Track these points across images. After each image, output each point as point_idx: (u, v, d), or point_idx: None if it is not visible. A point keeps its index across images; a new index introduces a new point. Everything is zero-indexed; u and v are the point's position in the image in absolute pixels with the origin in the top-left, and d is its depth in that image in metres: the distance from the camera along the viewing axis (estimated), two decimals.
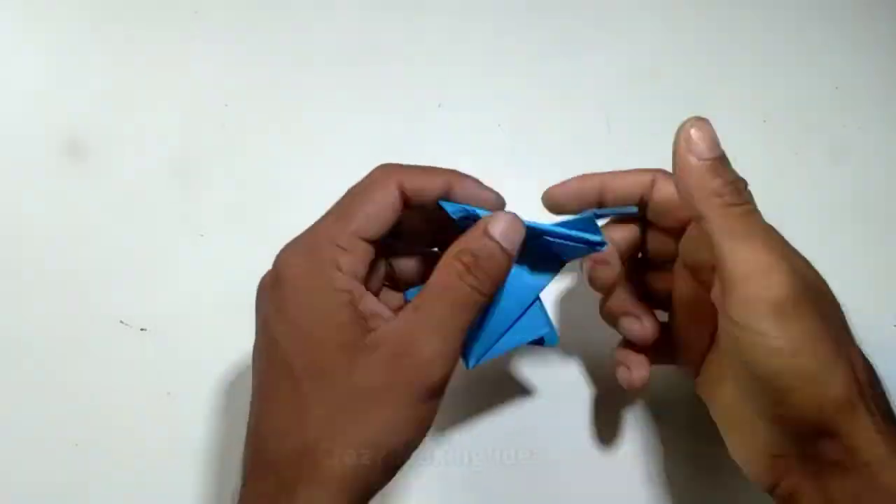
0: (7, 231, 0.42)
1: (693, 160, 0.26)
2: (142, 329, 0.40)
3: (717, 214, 0.26)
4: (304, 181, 0.44)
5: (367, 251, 0.28)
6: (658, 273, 0.35)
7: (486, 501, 0.38)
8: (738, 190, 0.26)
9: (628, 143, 0.47)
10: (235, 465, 0.38)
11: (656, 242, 0.35)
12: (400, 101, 0.47)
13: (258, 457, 0.27)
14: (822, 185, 0.47)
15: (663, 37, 0.51)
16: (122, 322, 0.40)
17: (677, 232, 0.33)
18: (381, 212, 0.28)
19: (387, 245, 0.31)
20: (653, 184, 0.32)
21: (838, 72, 0.51)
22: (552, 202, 0.34)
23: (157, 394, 0.38)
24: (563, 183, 0.33)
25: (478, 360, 0.31)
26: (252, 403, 0.28)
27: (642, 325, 0.33)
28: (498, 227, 0.27)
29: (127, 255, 0.41)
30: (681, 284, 0.33)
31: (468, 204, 0.30)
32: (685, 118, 0.28)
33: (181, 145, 0.45)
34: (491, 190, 0.31)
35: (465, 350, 0.31)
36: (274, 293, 0.28)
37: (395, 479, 0.31)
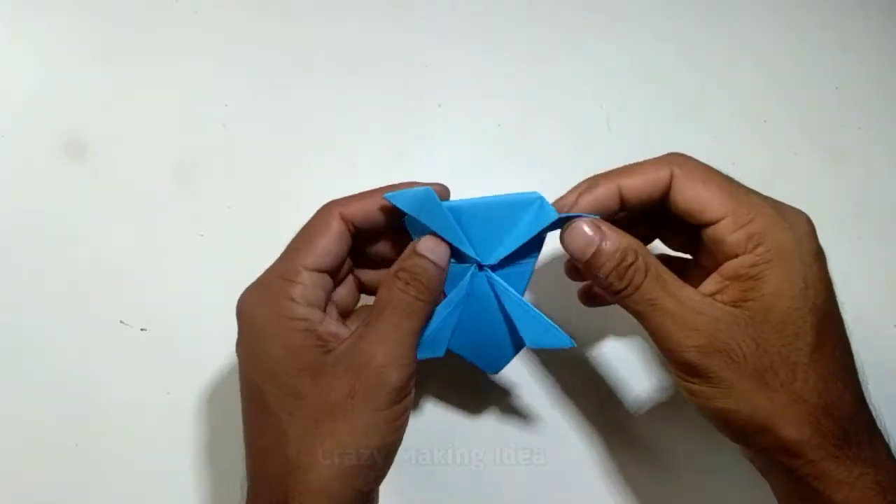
0: (7, 231, 0.42)
1: (579, 264, 0.30)
2: (142, 329, 0.40)
3: (618, 301, 0.30)
4: (305, 181, 0.44)
5: (318, 280, 0.30)
6: None
7: (487, 501, 0.38)
8: (619, 274, 0.29)
9: (628, 143, 0.47)
10: (234, 464, 0.38)
11: (671, 243, 0.35)
12: (400, 100, 0.47)
13: (254, 478, 0.29)
14: (822, 185, 0.47)
15: (663, 37, 0.51)
16: (122, 322, 0.40)
17: (692, 234, 0.32)
18: (327, 244, 0.30)
19: (357, 266, 0.35)
20: (672, 179, 0.31)
21: (838, 72, 0.51)
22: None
23: (156, 393, 0.38)
24: (576, 203, 0.32)
25: (500, 367, 0.34)
26: (244, 432, 0.30)
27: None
28: (425, 246, 0.30)
29: (127, 255, 0.41)
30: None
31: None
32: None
33: (181, 145, 0.45)
34: (431, 183, 0.32)
35: (484, 358, 0.34)
36: (239, 332, 0.30)
37: (395, 479, 0.31)
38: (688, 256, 0.35)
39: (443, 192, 0.32)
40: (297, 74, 0.47)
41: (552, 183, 0.45)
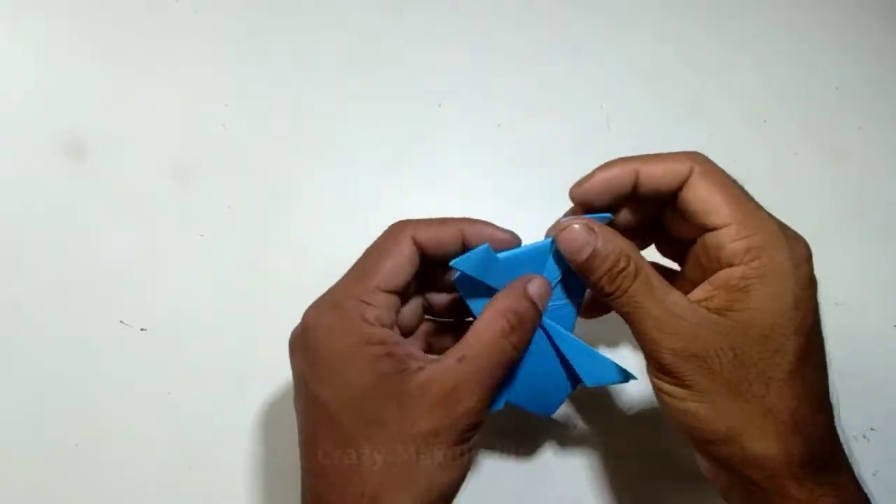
0: (7, 231, 0.42)
1: (573, 265, 0.30)
2: (142, 329, 0.40)
3: (606, 302, 0.30)
4: (304, 182, 0.44)
5: (391, 301, 0.30)
6: None
7: (487, 501, 0.38)
8: (611, 278, 0.29)
9: (628, 143, 0.47)
10: (234, 465, 0.38)
11: (666, 250, 0.35)
12: (400, 101, 0.47)
13: (319, 499, 0.28)
14: (822, 185, 0.47)
15: (663, 37, 0.51)
16: (122, 322, 0.40)
17: (690, 239, 0.32)
18: (398, 265, 0.30)
19: (419, 284, 0.34)
20: (689, 176, 0.30)
21: (838, 73, 0.51)
22: (582, 200, 0.32)
23: (157, 393, 0.38)
24: (591, 178, 0.32)
25: (555, 408, 0.35)
26: (304, 458, 0.29)
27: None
28: (535, 289, 0.30)
29: (127, 255, 0.41)
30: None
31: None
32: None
33: (181, 145, 0.45)
34: (504, 230, 0.32)
35: (540, 403, 0.34)
36: (307, 352, 0.29)
37: None
38: (676, 267, 0.35)
39: (514, 240, 0.32)
40: (297, 75, 0.47)
41: (552, 183, 0.46)
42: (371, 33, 0.49)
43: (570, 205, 0.33)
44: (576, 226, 0.30)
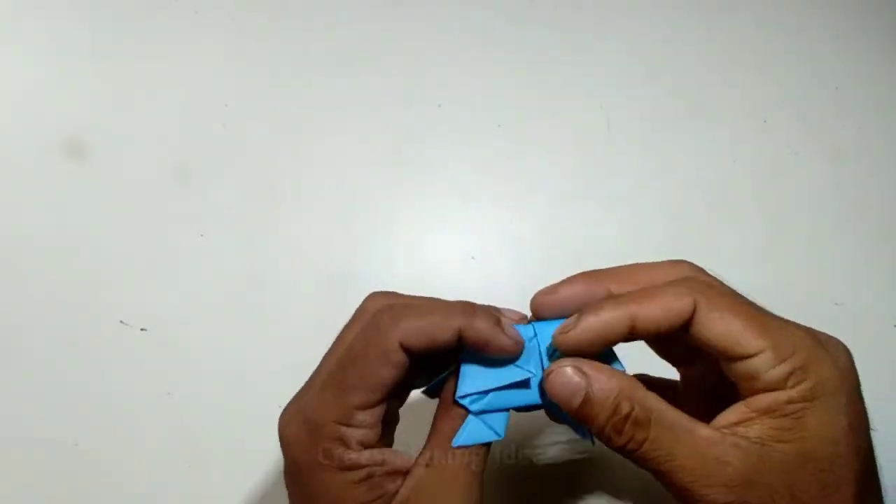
0: (7, 231, 0.42)
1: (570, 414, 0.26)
2: (142, 329, 0.40)
3: (625, 457, 0.26)
4: (305, 181, 0.44)
5: (373, 416, 0.27)
6: None
7: (486, 501, 0.38)
8: (616, 428, 0.25)
9: (628, 143, 0.47)
10: (234, 464, 0.38)
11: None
12: (400, 101, 0.47)
13: None
14: (822, 185, 0.47)
15: (663, 37, 0.51)
16: (122, 322, 0.40)
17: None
18: (383, 380, 0.26)
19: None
20: (695, 311, 0.26)
21: (838, 73, 0.51)
22: (573, 351, 0.27)
23: (157, 393, 0.38)
24: (579, 324, 0.27)
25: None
26: None
27: None
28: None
29: (127, 255, 0.41)
30: None
31: (482, 349, 0.27)
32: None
33: (181, 145, 0.45)
34: (508, 334, 0.27)
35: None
36: (290, 476, 0.27)
37: None
38: (675, 378, 0.32)
39: (516, 343, 0.27)
40: (297, 74, 0.47)
41: (552, 183, 0.46)
42: (371, 33, 0.49)
43: (569, 208, 0.33)
44: (565, 369, 0.26)
